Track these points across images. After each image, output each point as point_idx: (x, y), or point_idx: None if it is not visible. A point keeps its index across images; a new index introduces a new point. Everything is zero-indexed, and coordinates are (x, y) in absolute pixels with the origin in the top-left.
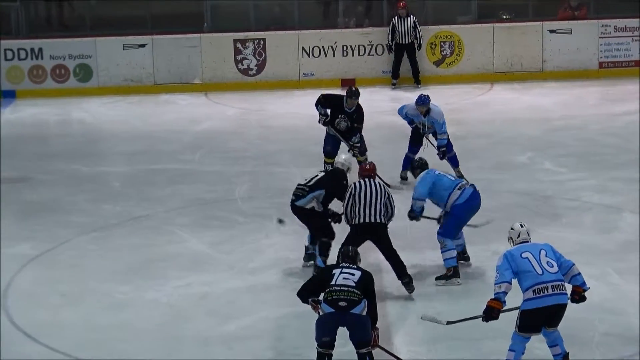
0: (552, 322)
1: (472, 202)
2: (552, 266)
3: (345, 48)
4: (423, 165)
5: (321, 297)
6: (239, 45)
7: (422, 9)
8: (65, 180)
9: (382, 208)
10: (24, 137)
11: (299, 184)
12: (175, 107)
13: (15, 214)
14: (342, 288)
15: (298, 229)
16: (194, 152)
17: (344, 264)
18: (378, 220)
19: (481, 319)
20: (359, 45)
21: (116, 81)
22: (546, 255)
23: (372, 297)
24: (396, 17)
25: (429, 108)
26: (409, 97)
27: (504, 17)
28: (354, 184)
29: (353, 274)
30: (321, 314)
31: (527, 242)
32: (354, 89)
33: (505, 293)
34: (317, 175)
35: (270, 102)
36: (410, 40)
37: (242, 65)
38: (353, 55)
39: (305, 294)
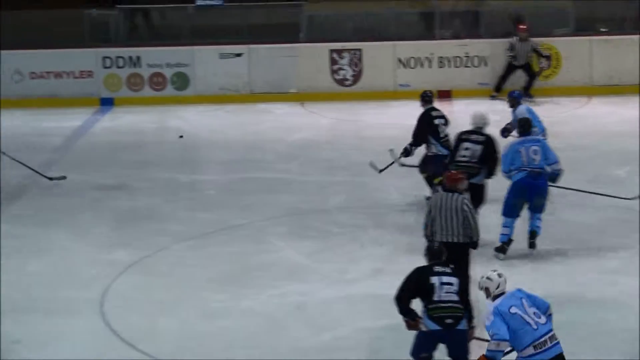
0: None
1: (525, 182)
2: (540, 317)
3: (441, 59)
4: None
5: (413, 305)
6: (335, 55)
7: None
8: (162, 189)
9: (460, 227)
10: (122, 144)
11: None
12: (271, 116)
13: (113, 222)
14: (447, 304)
15: (392, 239)
16: (289, 161)
17: (437, 267)
18: (455, 241)
19: None
20: (455, 57)
21: (213, 90)
22: (530, 306)
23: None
24: (515, 38)
25: (518, 103)
26: (506, 109)
27: (602, 30)
28: (435, 195)
29: (451, 283)
30: (423, 329)
31: (504, 293)
32: (429, 93)
33: (502, 352)
34: None
35: (365, 112)
36: (525, 62)
37: (338, 75)
38: (449, 66)
39: (405, 299)
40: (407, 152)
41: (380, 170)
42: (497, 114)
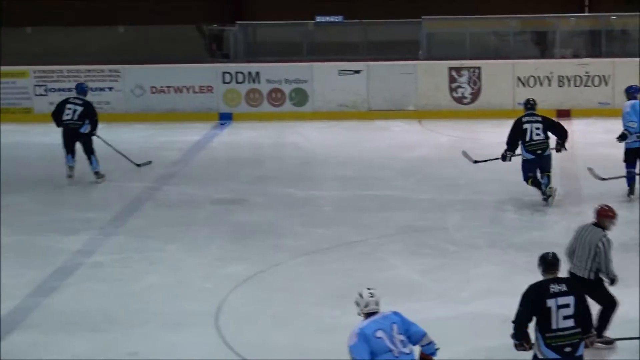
0: None
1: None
2: (406, 346)
3: (561, 78)
4: None
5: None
6: (454, 73)
7: None
8: (278, 204)
9: (590, 261)
10: (240, 159)
11: None
12: (389, 133)
13: (230, 235)
14: (565, 332)
15: (509, 258)
16: (406, 178)
17: (553, 286)
18: (581, 275)
19: None
20: (575, 76)
21: (331, 106)
22: (399, 333)
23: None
24: None
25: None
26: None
27: None
28: (582, 226)
29: (568, 305)
30: (540, 357)
31: (376, 312)
32: (530, 100)
33: None
34: None
35: (483, 130)
36: None
37: (457, 93)
38: (569, 85)
39: (523, 324)
40: (503, 158)
41: (475, 162)
42: (614, 133)
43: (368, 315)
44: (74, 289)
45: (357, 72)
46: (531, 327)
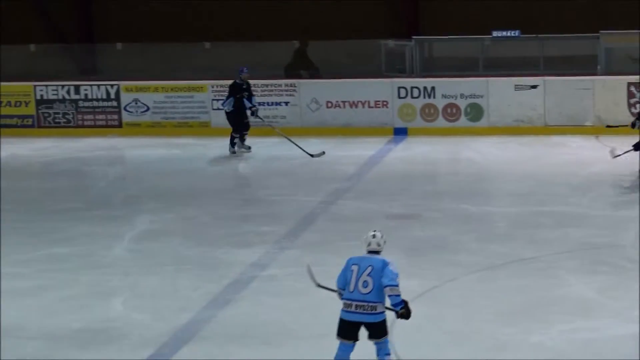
0: (369, 335)
1: None
2: (367, 286)
3: None
4: None
5: None
6: (632, 88)
7: None
8: (453, 219)
9: None
10: (414, 174)
11: None
12: (566, 149)
13: (404, 250)
14: None
15: None
16: (582, 195)
17: None
18: None
19: None
20: None
21: (506, 121)
22: (369, 274)
23: None
24: None
25: None
26: None
27: None
28: None
29: None
30: None
31: (376, 252)
32: None
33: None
34: None
35: None
36: None
37: (635, 109)
38: None
39: None
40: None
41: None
42: None
43: (369, 252)
44: (249, 302)
45: (533, 87)
46: None
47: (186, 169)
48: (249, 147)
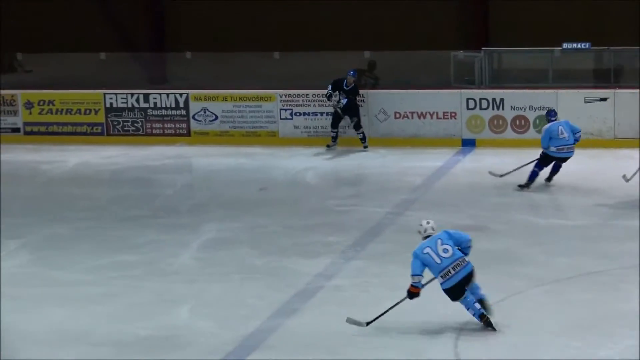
0: (468, 284)
1: None
2: (447, 251)
3: None
4: None
5: None
6: None
7: None
8: (520, 231)
9: None
10: (482, 186)
11: None
12: (635, 162)
13: (471, 262)
14: None
15: None
16: None
17: None
18: None
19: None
20: None
21: None
22: (442, 244)
23: None
24: None
25: None
26: None
27: None
28: None
29: None
30: None
31: (431, 235)
32: None
33: (419, 283)
34: None
35: None
36: None
37: None
38: None
39: None
40: None
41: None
42: None
43: (425, 238)
44: (314, 312)
45: (603, 99)
46: None
47: (254, 178)
48: (366, 146)
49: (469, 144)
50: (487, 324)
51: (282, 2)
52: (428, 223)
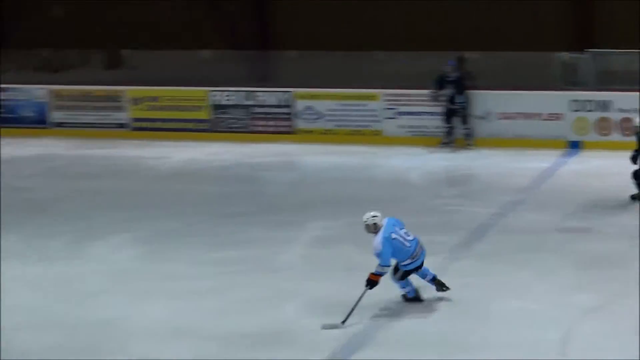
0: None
1: None
2: (409, 235)
3: None
4: None
5: None
6: None
7: None
8: (628, 234)
9: None
10: (588, 188)
11: None
12: None
13: (576, 264)
14: None
15: None
16: None
17: None
18: None
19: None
20: None
21: None
22: (400, 229)
23: None
24: None
25: None
26: None
27: None
28: None
29: None
30: None
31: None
32: None
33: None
34: None
35: None
36: None
37: None
38: None
39: None
40: None
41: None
42: None
43: (375, 230)
44: (420, 310)
45: None
46: None
47: (359, 176)
48: (470, 144)
49: (575, 146)
50: (439, 285)
51: (388, 2)
52: (375, 216)
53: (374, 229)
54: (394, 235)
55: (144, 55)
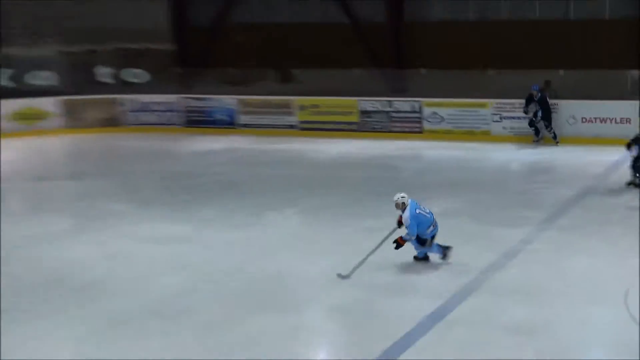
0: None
1: None
2: (426, 209)
3: None
4: None
5: None
6: None
7: None
8: None
9: None
10: None
11: None
12: None
13: (635, 234)
14: None
15: None
16: None
17: None
18: None
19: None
20: None
21: None
22: (419, 205)
23: None
24: None
25: None
26: None
27: None
28: None
29: None
30: None
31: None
32: None
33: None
34: None
35: None
36: None
37: None
38: None
39: None
40: None
41: None
42: None
43: (402, 208)
44: (517, 268)
45: None
46: None
47: (471, 166)
48: (558, 142)
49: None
50: (445, 249)
51: (497, 29)
52: (403, 197)
53: (402, 206)
54: (417, 211)
55: (309, 72)
